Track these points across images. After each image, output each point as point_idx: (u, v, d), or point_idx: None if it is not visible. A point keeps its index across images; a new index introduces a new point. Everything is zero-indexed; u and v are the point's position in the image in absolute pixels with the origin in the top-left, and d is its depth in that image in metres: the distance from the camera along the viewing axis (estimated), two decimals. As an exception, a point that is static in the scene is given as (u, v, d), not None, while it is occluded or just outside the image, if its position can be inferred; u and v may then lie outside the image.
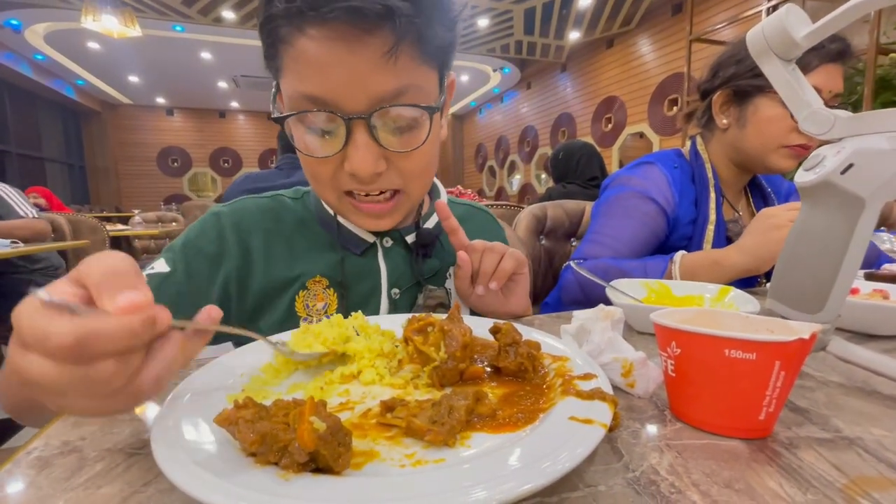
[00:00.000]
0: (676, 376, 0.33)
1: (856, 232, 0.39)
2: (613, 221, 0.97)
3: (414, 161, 0.55)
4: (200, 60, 7.31)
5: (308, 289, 0.61)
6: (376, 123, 0.50)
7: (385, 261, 0.64)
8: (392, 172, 0.55)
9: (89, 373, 0.24)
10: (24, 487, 0.27)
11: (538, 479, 0.22)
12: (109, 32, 4.44)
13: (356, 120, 0.50)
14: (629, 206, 0.97)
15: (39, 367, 0.24)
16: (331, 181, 0.56)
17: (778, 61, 0.43)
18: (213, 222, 0.62)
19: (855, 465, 0.27)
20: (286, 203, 0.67)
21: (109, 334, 0.24)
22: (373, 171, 0.52)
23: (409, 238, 0.66)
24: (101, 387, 0.25)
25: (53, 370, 0.24)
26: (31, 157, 7.71)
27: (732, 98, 0.94)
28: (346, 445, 0.26)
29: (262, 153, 10.69)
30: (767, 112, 0.89)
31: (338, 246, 0.63)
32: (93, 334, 0.23)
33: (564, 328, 0.45)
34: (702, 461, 0.28)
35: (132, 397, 0.26)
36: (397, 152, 0.53)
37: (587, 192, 2.24)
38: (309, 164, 0.55)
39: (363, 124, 0.50)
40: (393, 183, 0.56)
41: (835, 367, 0.43)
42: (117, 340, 0.24)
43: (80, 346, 0.23)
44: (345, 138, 0.51)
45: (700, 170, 0.99)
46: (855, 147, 0.38)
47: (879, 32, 2.59)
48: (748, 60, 0.90)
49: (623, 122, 5.85)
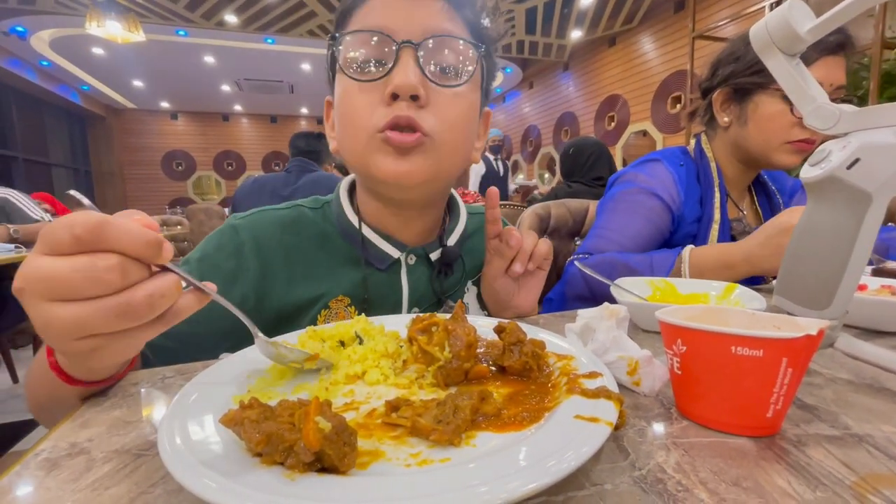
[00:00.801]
0: (682, 374, 0.33)
1: (863, 227, 0.39)
2: (619, 217, 0.97)
3: (449, 109, 0.56)
4: (204, 64, 7.36)
5: (330, 308, 0.60)
6: (424, 53, 0.54)
7: (408, 278, 0.64)
8: (429, 113, 0.55)
9: (96, 262, 0.27)
10: (33, 489, 0.27)
11: (544, 478, 0.22)
12: (114, 38, 4.48)
13: (406, 46, 0.53)
14: (635, 202, 0.97)
15: (51, 264, 0.26)
16: (368, 114, 0.55)
17: (782, 56, 0.43)
18: (230, 236, 0.60)
19: (865, 463, 0.27)
20: (306, 215, 0.65)
21: (125, 229, 0.27)
22: (413, 88, 0.52)
23: (433, 255, 0.65)
24: (101, 284, 0.27)
25: (64, 264, 0.26)
26: (37, 163, 7.77)
27: (732, 96, 0.94)
28: (352, 445, 0.26)
29: (266, 156, 10.73)
30: (768, 108, 0.88)
31: (361, 262, 0.62)
32: (111, 224, 0.27)
33: (569, 327, 0.45)
34: (709, 459, 0.28)
35: (123, 309, 0.28)
36: (437, 84, 0.55)
37: (593, 191, 2.23)
38: (350, 100, 0.56)
39: (411, 50, 0.53)
40: (427, 120, 0.55)
41: (843, 364, 0.43)
42: (129, 237, 0.27)
43: (100, 228, 0.27)
44: (392, 62, 0.53)
45: (705, 168, 0.99)
46: (861, 141, 0.38)
47: (885, 26, 2.56)
48: (747, 57, 0.90)
49: (626, 121, 5.83)
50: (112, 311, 0.28)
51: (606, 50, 6.07)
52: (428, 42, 0.53)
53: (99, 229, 0.27)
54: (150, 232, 0.29)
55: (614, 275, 0.76)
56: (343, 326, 0.46)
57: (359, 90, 0.55)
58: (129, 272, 0.28)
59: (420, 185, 0.57)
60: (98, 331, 0.29)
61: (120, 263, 0.27)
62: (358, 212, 0.64)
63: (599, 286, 0.81)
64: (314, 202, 0.68)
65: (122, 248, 0.28)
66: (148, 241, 0.28)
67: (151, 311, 0.29)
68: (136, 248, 0.28)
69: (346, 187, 0.68)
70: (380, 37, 0.53)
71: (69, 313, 0.27)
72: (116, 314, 0.28)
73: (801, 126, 0.86)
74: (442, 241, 0.66)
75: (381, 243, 0.63)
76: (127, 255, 0.28)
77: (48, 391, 0.42)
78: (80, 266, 0.27)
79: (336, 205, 0.66)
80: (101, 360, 0.32)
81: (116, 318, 0.28)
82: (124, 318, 0.28)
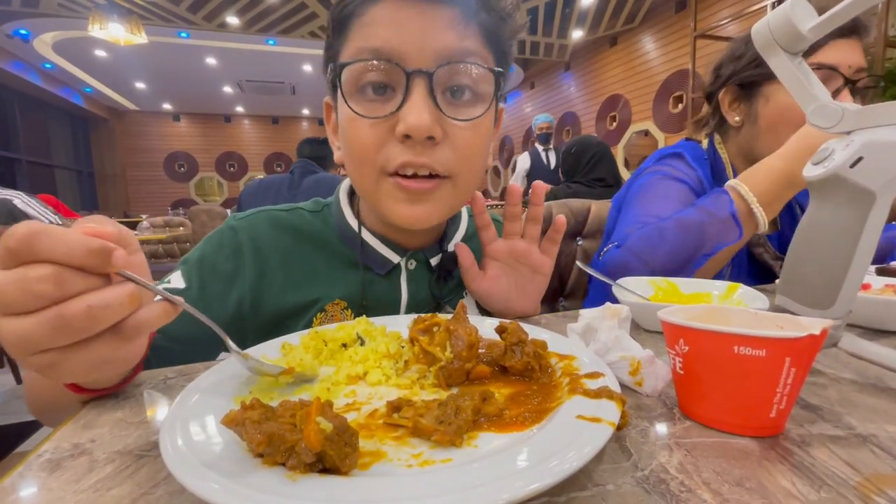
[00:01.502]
0: (685, 374, 0.32)
1: (866, 226, 0.38)
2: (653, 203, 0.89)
3: (468, 139, 0.52)
4: (205, 66, 7.38)
5: (326, 311, 0.59)
6: (437, 82, 0.49)
7: (407, 283, 0.63)
8: (445, 149, 0.51)
9: (27, 273, 0.25)
10: (36, 490, 0.27)
11: (546, 479, 0.22)
12: (116, 40, 4.50)
13: (417, 75, 0.48)
14: (665, 187, 0.91)
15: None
16: (376, 153, 0.51)
17: (784, 55, 0.43)
18: (230, 237, 0.60)
19: (869, 463, 0.27)
20: (305, 217, 0.64)
21: (61, 238, 0.25)
22: (428, 129, 0.48)
23: (433, 260, 0.64)
24: (33, 296, 0.25)
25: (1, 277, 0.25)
26: (40, 165, 7.81)
27: (739, 93, 0.92)
28: (353, 446, 0.26)
29: (268, 157, 10.76)
30: (779, 101, 0.85)
31: (360, 266, 0.61)
32: (44, 234, 0.25)
33: (571, 327, 0.45)
34: (712, 459, 0.28)
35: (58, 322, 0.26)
36: (454, 120, 0.50)
37: (593, 191, 2.22)
38: (356, 133, 0.51)
39: (424, 80, 0.48)
40: (443, 162, 0.51)
41: (847, 364, 0.42)
42: (65, 247, 0.26)
43: (31, 238, 0.25)
44: (402, 96, 0.48)
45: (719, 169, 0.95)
46: (864, 140, 0.38)
47: (888, 25, 2.56)
48: (747, 55, 0.88)
49: (628, 121, 5.83)
50: (48, 324, 0.26)
51: (608, 50, 6.07)
52: (441, 69, 0.48)
53: (30, 239, 0.25)
54: (94, 240, 0.27)
55: (665, 240, 0.70)
56: (345, 327, 0.47)
57: (365, 123, 0.51)
58: (65, 282, 0.26)
59: (434, 224, 0.55)
60: (43, 346, 0.27)
61: (54, 273, 0.26)
62: (358, 215, 0.63)
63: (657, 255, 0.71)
64: (314, 205, 0.67)
65: (57, 257, 0.26)
66: (90, 249, 0.26)
67: (93, 323, 0.27)
68: (75, 257, 0.26)
69: (346, 191, 0.66)
70: (388, 65, 0.48)
71: (12, 328, 0.26)
72: (53, 327, 0.26)
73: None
74: (442, 246, 0.65)
75: (381, 248, 0.61)
76: (64, 264, 0.26)
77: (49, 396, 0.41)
78: (12, 278, 0.25)
79: (336, 208, 0.65)
80: (64, 376, 0.30)
81: (54, 332, 0.26)
82: (62, 332, 0.26)
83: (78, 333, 0.27)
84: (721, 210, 0.69)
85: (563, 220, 0.60)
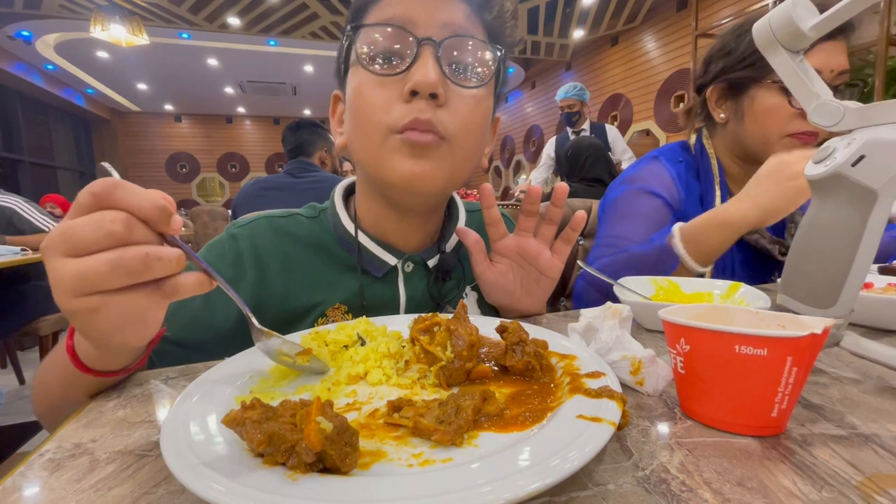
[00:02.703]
0: (686, 373, 0.32)
1: (868, 225, 0.38)
2: (621, 223, 0.94)
3: (467, 108, 0.55)
4: (207, 67, 7.39)
5: (327, 316, 0.60)
6: (444, 53, 0.53)
7: (405, 286, 0.63)
8: (446, 112, 0.54)
9: (104, 214, 0.29)
10: (37, 489, 0.27)
11: (547, 478, 0.22)
12: (118, 41, 4.51)
13: (426, 43, 0.52)
14: (635, 205, 0.95)
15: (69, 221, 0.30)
16: (386, 111, 0.53)
17: (785, 53, 0.42)
18: (230, 245, 0.61)
19: (871, 463, 0.27)
20: (303, 223, 0.65)
21: (136, 191, 0.31)
22: (434, 86, 0.51)
23: (430, 262, 0.64)
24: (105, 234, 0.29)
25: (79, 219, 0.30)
26: (43, 166, 7.83)
27: (727, 92, 0.91)
28: (354, 445, 0.26)
29: (269, 157, 10.77)
30: (765, 102, 0.85)
31: (358, 270, 0.61)
32: (125, 185, 0.30)
33: (572, 326, 0.45)
34: (713, 459, 0.27)
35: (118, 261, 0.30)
36: (456, 84, 0.54)
37: (592, 190, 2.22)
38: (365, 96, 0.54)
39: (432, 47, 0.52)
40: (444, 122, 0.54)
41: (849, 363, 0.42)
42: (139, 198, 0.30)
43: (114, 187, 0.30)
44: (411, 60, 0.52)
45: (705, 165, 0.96)
46: (866, 138, 0.38)
47: (890, 23, 2.55)
48: (738, 50, 0.87)
49: (629, 120, 5.81)
50: (108, 263, 0.29)
51: (609, 49, 6.06)
52: (448, 40, 0.53)
53: (113, 188, 0.30)
54: (161, 200, 0.31)
55: (620, 271, 0.74)
56: (345, 327, 0.47)
57: (375, 85, 0.54)
58: (133, 228, 0.30)
59: (434, 189, 0.56)
60: (96, 286, 0.30)
61: (126, 218, 0.30)
62: (355, 218, 0.63)
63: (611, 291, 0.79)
64: (311, 210, 0.67)
65: (131, 207, 0.30)
66: (157, 205, 0.31)
67: (146, 270, 0.31)
68: (145, 210, 0.31)
69: (342, 194, 0.66)
70: (400, 31, 0.53)
71: (73, 266, 0.29)
72: (112, 266, 0.29)
73: (801, 118, 0.83)
74: (440, 248, 0.65)
75: (378, 251, 0.62)
76: (136, 215, 0.30)
77: (60, 385, 0.42)
78: (90, 219, 0.29)
79: (331, 212, 0.65)
80: (99, 324, 0.32)
81: (111, 271, 0.29)
82: (118, 272, 0.30)
83: (130, 276, 0.30)
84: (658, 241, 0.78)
85: (584, 216, 0.59)
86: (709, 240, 0.74)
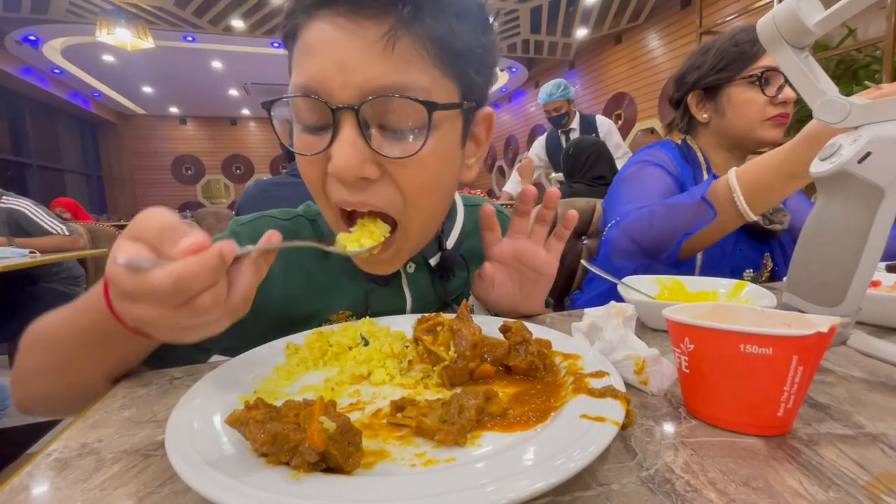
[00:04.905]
0: (690, 373, 0.32)
1: (875, 222, 0.38)
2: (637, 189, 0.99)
3: (413, 174, 0.46)
4: (211, 69, 7.43)
5: (331, 322, 0.58)
6: (367, 118, 0.44)
7: (410, 289, 0.62)
8: (385, 185, 0.47)
9: (193, 307, 0.31)
10: (44, 489, 0.27)
11: (550, 478, 0.22)
12: (123, 45, 4.55)
13: (344, 110, 0.43)
14: (648, 174, 1.01)
15: (151, 312, 0.31)
16: (321, 192, 0.49)
17: (790, 49, 0.42)
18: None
19: (879, 462, 0.26)
20: (305, 227, 0.63)
21: (195, 273, 0.30)
22: (356, 172, 0.44)
23: (432, 260, 0.63)
24: (203, 315, 0.32)
25: (165, 312, 0.31)
26: (50, 169, 7.91)
27: (705, 96, 1.04)
28: (357, 445, 0.26)
29: (274, 159, 10.81)
30: (740, 96, 0.97)
31: (360, 277, 0.59)
32: (183, 276, 0.29)
33: (575, 326, 0.45)
34: (718, 459, 0.27)
35: (228, 315, 0.34)
36: (388, 158, 0.44)
37: (594, 190, 2.21)
38: (302, 167, 0.49)
39: (351, 116, 0.43)
40: (385, 199, 0.47)
41: (856, 362, 0.42)
42: (203, 276, 0.30)
43: (178, 288, 0.30)
44: (332, 134, 0.44)
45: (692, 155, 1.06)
46: (872, 135, 0.37)
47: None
48: (707, 63, 1.01)
49: (633, 119, 5.79)
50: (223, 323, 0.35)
51: (612, 47, 6.03)
52: (370, 102, 0.43)
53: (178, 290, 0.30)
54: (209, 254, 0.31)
55: (655, 221, 0.80)
56: (349, 328, 0.47)
57: (305, 162, 0.48)
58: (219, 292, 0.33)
59: (398, 266, 0.55)
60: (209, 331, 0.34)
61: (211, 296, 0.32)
62: None
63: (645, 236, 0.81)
64: (311, 213, 0.65)
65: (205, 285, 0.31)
66: (213, 266, 0.31)
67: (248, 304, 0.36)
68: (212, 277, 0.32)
69: None
70: (313, 101, 0.44)
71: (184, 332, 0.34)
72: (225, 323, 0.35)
73: (772, 104, 0.95)
74: (441, 245, 0.64)
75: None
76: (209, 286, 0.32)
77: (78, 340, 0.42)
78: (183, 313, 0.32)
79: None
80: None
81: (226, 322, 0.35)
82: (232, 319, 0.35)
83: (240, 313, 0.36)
84: (697, 194, 0.78)
85: (575, 215, 0.59)
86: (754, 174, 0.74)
